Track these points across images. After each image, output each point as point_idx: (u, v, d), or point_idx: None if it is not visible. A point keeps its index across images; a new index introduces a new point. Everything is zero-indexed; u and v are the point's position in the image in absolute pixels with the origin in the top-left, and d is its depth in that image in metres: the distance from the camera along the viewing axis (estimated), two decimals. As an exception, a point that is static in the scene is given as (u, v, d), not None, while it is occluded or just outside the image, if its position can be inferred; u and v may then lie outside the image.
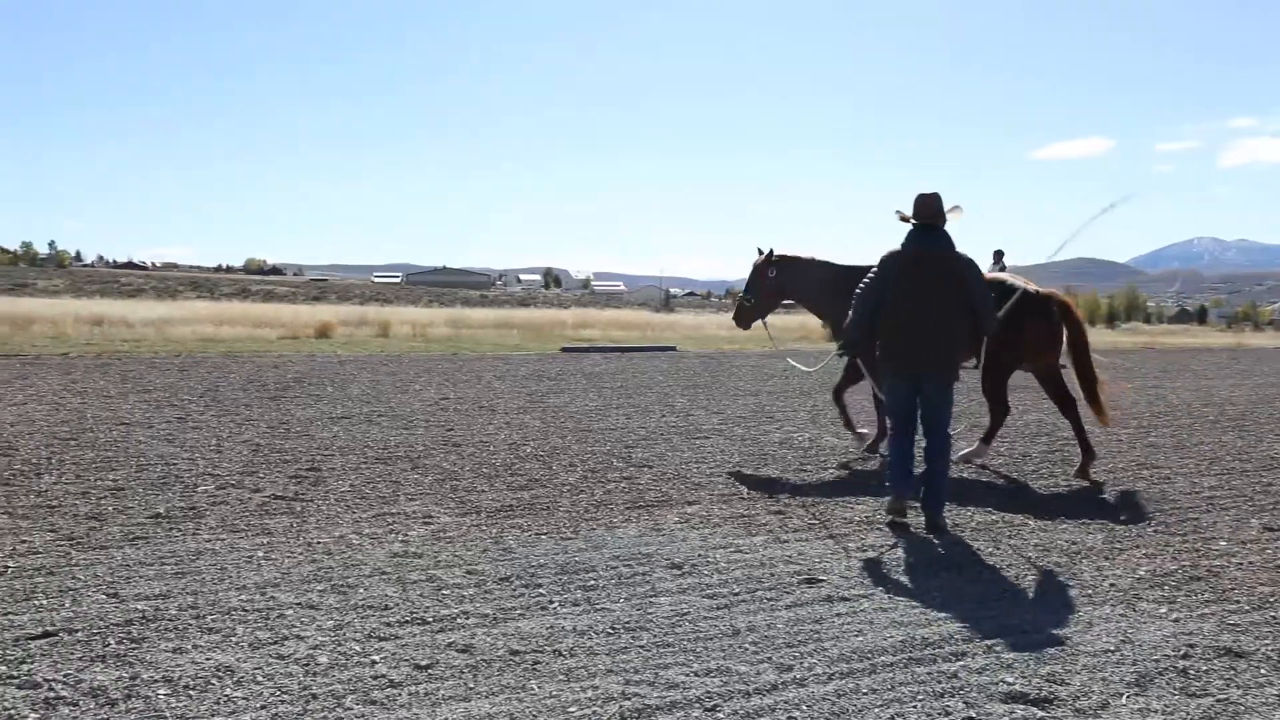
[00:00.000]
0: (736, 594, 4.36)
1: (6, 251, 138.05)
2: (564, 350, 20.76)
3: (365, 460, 7.49)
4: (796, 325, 25.90)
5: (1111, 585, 4.65)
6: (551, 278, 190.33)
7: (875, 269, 5.88)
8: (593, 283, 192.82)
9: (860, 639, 3.83)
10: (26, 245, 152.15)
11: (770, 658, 3.60)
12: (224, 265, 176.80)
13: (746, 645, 3.73)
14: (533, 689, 3.27)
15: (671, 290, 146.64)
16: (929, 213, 5.73)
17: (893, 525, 5.75)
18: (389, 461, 7.47)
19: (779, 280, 8.49)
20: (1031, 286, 7.38)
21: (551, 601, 4.18)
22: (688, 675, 3.41)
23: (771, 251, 8.53)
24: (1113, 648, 3.80)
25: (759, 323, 8.71)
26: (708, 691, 3.28)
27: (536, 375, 15.08)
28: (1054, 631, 3.97)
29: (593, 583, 4.47)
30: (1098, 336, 37.22)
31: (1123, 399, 11.28)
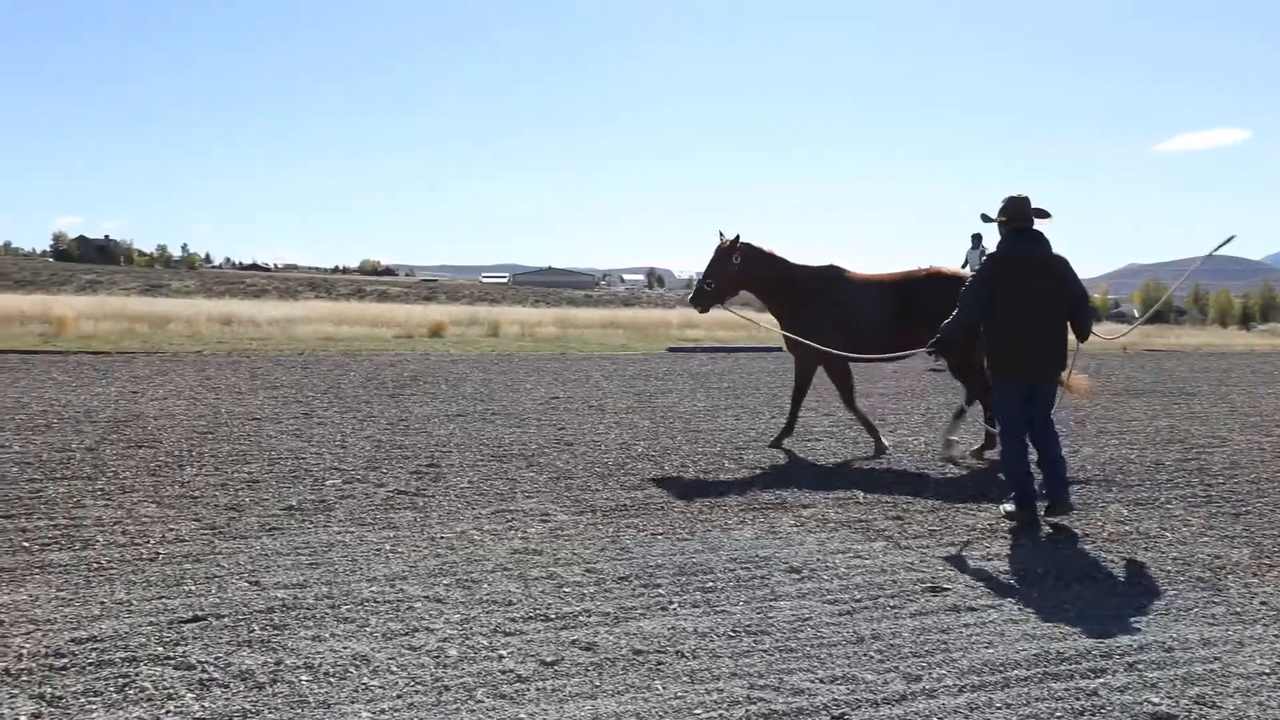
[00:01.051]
0: (859, 600, 4.28)
1: (144, 254, 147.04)
2: (670, 350, 20.81)
3: (482, 457, 7.66)
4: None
5: (1263, 604, 4.38)
6: (655, 277, 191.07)
7: (977, 273, 6.00)
8: (695, 282, 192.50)
9: (991, 651, 3.71)
10: (161, 248, 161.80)
11: (897, 667, 3.53)
12: (340, 266, 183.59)
13: (872, 653, 3.66)
14: (657, 689, 3.28)
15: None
16: (1021, 215, 5.82)
17: (1018, 530, 5.57)
18: (504, 459, 7.61)
19: (742, 270, 8.48)
20: None
21: (671, 602, 4.20)
22: (813, 682, 3.37)
23: (738, 238, 8.49)
24: (1268, 670, 3.58)
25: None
26: (834, 699, 3.23)
27: (644, 375, 15.15)
28: (1201, 651, 3.77)
29: (711, 584, 4.46)
30: (1231, 338, 35.22)
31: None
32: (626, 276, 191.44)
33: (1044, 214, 5.83)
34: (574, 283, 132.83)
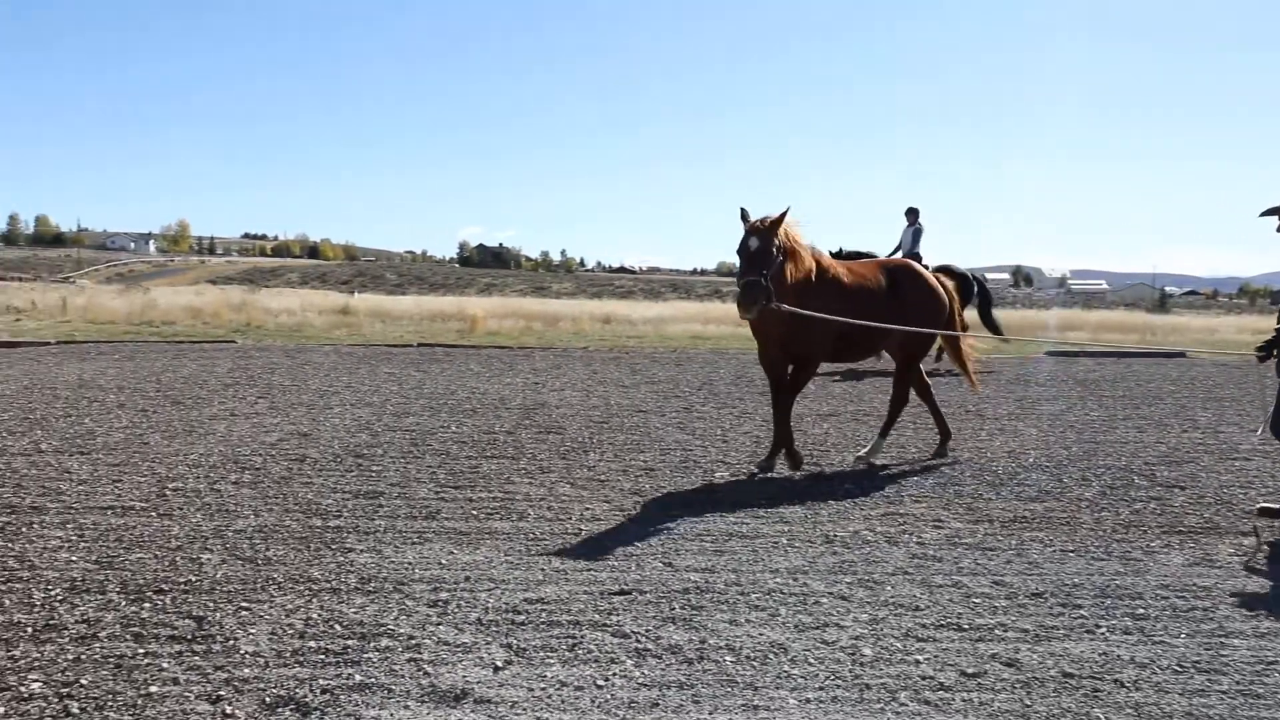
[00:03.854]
0: (1336, 648, 3.67)
1: (530, 259, 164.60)
2: (1048, 353, 19.29)
3: (861, 458, 7.59)
4: None
5: None
6: (1021, 276, 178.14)
7: None
8: (1069, 281, 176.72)
9: None
10: (544, 254, 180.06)
11: (1404, 733, 2.97)
12: (698, 269, 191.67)
13: (1365, 712, 3.12)
14: (1098, 718, 3.04)
15: (1166, 289, 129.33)
16: None
17: None
18: (886, 461, 7.49)
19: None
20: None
21: (1098, 626, 3.87)
22: (1291, 735, 2.94)
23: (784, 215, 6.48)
24: None
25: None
26: (1323, 759, 2.80)
27: (1022, 379, 14.18)
28: None
29: (1142, 611, 4.06)
30: None
31: None
32: (990, 275, 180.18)
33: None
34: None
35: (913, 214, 15.87)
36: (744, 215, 6.47)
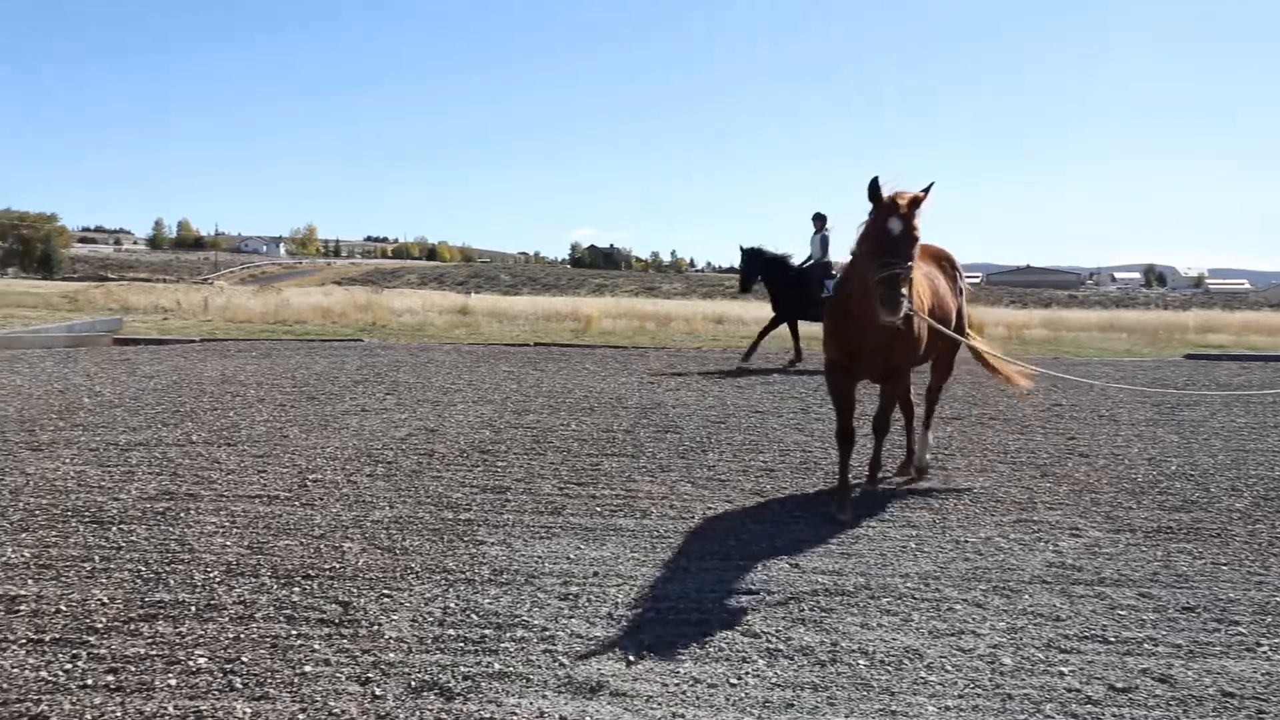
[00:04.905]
0: None
1: (640, 260, 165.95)
2: (1188, 357, 18.29)
3: (988, 462, 7.36)
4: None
5: None
6: (1154, 275, 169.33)
7: None
8: (1206, 280, 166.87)
9: None
10: (654, 254, 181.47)
11: None
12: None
13: None
14: (1264, 742, 2.88)
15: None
16: None
17: None
18: (1016, 466, 7.24)
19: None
20: None
21: (1259, 644, 3.66)
22: None
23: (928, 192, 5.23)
24: None
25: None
26: None
27: (1158, 383, 13.49)
28: None
29: (1308, 631, 3.81)
30: None
31: None
32: (1118, 275, 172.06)
33: None
34: (1054, 282, 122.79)
35: (820, 220, 15.24)
36: (876, 188, 5.14)
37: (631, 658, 3.45)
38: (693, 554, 4.77)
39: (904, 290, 4.95)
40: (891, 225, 5.05)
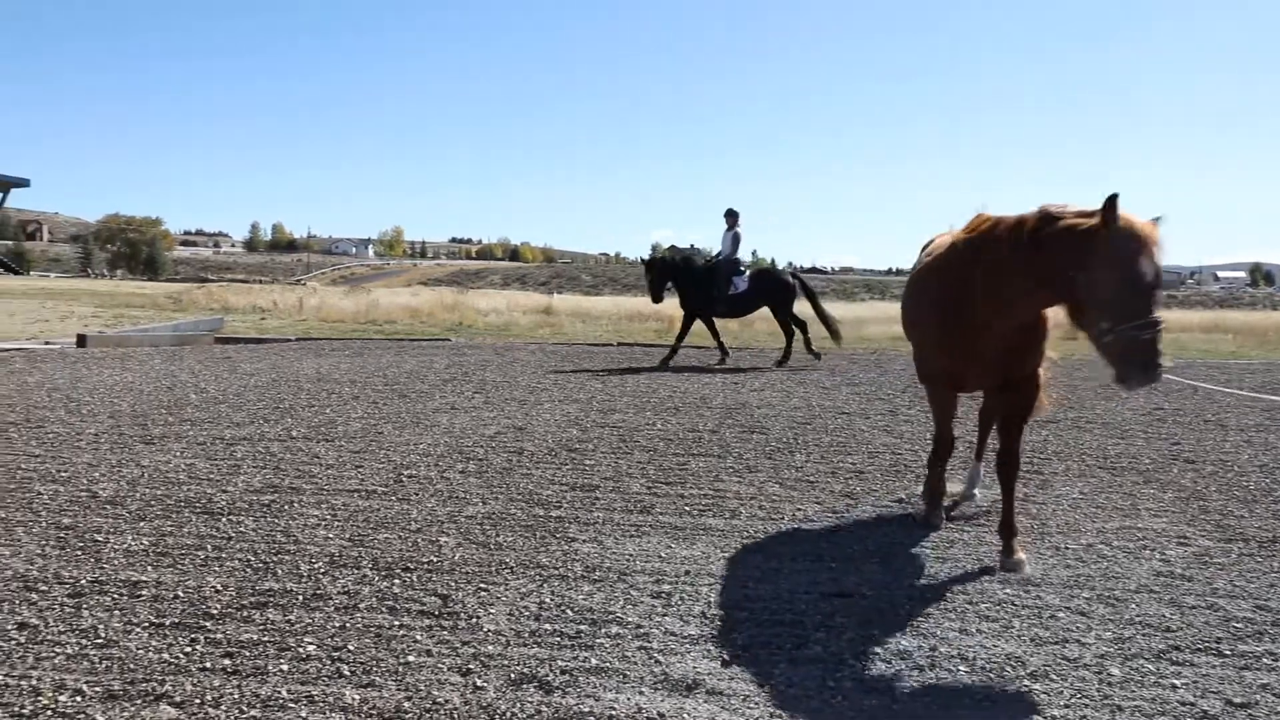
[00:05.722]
0: None
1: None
2: (1299, 359, 17.42)
3: (1087, 467, 7.14)
4: None
5: None
6: (1261, 274, 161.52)
7: None
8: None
9: None
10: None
11: None
12: (893, 269, 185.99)
13: None
14: (1397, 764, 2.73)
15: None
16: None
17: None
18: (1115, 471, 7.01)
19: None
20: None
21: (1389, 662, 3.47)
22: None
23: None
24: None
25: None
26: None
27: (1268, 386, 12.89)
28: None
29: None
30: None
31: None
32: (1221, 274, 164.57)
33: None
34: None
35: (732, 216, 14.91)
36: (1113, 208, 3.94)
37: (726, 657, 3.45)
38: (784, 555, 4.75)
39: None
40: (1146, 267, 3.97)
